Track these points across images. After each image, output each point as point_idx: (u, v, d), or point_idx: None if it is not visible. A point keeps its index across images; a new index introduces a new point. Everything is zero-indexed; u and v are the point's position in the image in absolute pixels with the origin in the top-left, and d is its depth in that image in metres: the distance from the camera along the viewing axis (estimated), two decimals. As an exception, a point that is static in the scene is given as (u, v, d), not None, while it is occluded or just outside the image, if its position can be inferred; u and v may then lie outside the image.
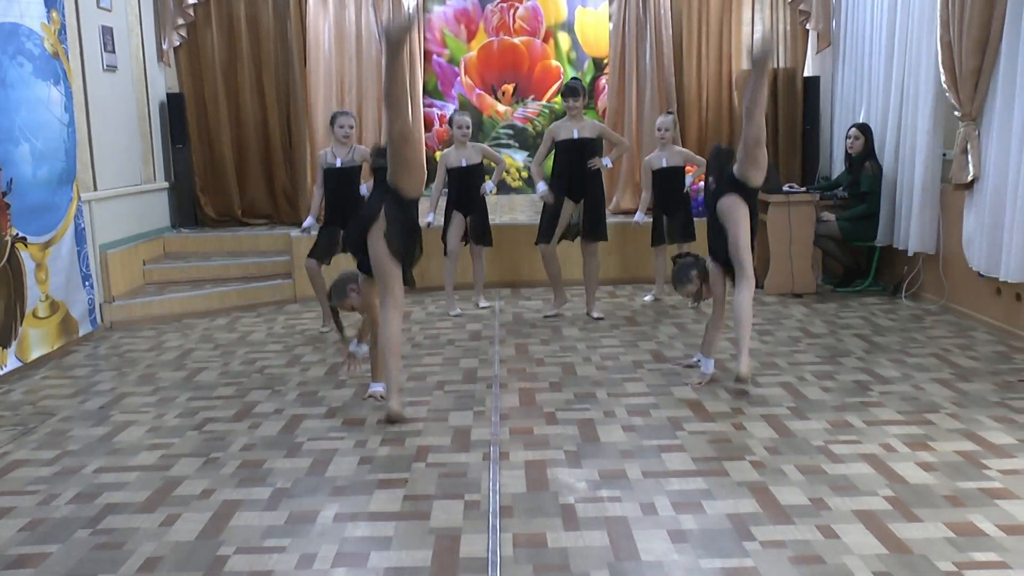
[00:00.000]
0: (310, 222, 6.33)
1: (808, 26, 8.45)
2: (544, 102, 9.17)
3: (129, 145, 7.56)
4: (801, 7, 8.41)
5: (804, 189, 7.37)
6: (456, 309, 6.80)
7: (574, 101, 6.27)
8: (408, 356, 5.46)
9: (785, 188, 7.25)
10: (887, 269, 7.27)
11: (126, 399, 4.84)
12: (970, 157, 5.84)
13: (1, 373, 5.21)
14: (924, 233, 6.56)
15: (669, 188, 6.79)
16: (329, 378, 5.14)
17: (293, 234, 7.73)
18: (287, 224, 8.59)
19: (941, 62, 6.02)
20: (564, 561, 2.87)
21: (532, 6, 9.02)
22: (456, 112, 6.84)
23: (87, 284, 6.22)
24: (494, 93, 9.17)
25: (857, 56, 7.73)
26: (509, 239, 7.59)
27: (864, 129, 7.16)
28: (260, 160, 8.74)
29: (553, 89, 9.13)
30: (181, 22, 8.29)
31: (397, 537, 3.08)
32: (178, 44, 8.37)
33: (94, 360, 5.75)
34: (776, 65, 8.66)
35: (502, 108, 9.17)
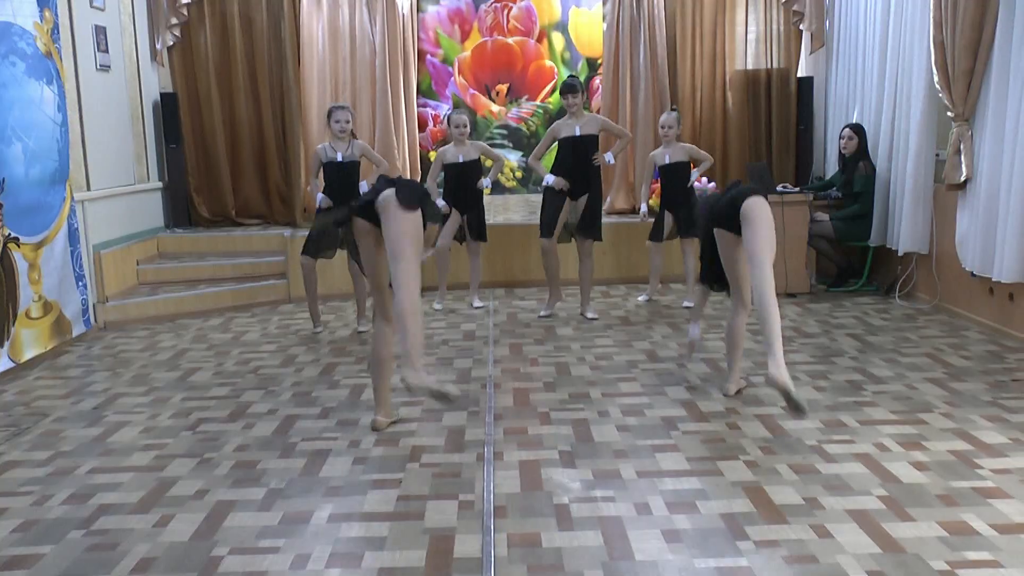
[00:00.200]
0: (322, 197, 6.13)
1: (802, 27, 8.47)
2: (538, 102, 9.17)
3: (122, 145, 7.54)
4: (795, 8, 8.42)
5: (798, 189, 7.39)
6: (439, 304, 6.81)
7: (573, 98, 6.27)
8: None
9: (779, 188, 7.27)
10: (880, 269, 7.29)
11: (120, 399, 4.83)
12: (963, 157, 5.86)
13: (-6, 374, 5.20)
14: (917, 233, 6.58)
15: (674, 184, 6.76)
16: (323, 378, 5.14)
17: (287, 234, 7.73)
18: (281, 224, 8.59)
19: (934, 62, 6.03)
20: (558, 561, 2.87)
21: (526, 6, 9.02)
22: (453, 111, 6.85)
23: (80, 284, 6.20)
24: (488, 93, 9.17)
25: (851, 57, 7.75)
26: (503, 239, 7.60)
27: (858, 129, 7.18)
28: (254, 160, 8.73)
29: (547, 89, 9.14)
30: (175, 21, 8.27)
31: (391, 537, 3.07)
32: (172, 44, 8.35)
33: (87, 360, 5.74)
34: (770, 65, 8.69)
35: (496, 108, 9.17)
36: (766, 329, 4.00)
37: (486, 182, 6.75)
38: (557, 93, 9.05)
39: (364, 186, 6.19)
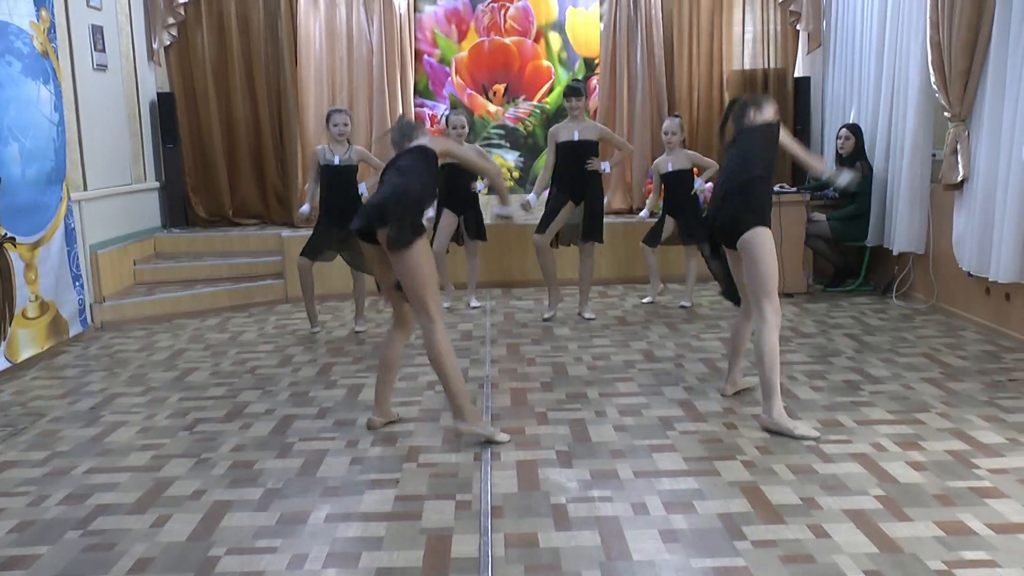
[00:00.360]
0: (306, 208, 6.21)
1: (799, 27, 8.48)
2: (535, 102, 9.16)
3: (119, 145, 7.53)
4: (792, 8, 8.43)
5: (795, 189, 7.39)
6: (447, 302, 6.85)
7: (576, 101, 6.25)
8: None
9: (776, 188, 7.25)
10: (877, 269, 7.30)
11: (117, 400, 4.83)
12: (960, 157, 5.87)
13: (-10, 374, 5.20)
14: (913, 233, 6.59)
15: (677, 191, 6.73)
16: (320, 378, 5.14)
17: (284, 234, 7.72)
18: (278, 224, 8.59)
19: (931, 63, 6.04)
20: (555, 561, 2.87)
21: (523, 6, 9.02)
22: (452, 112, 6.84)
23: (77, 284, 6.19)
24: (485, 93, 9.17)
25: (847, 57, 7.76)
26: (500, 239, 7.59)
27: (854, 129, 7.18)
28: (251, 160, 8.73)
29: (544, 89, 9.13)
30: (172, 21, 8.27)
31: (388, 537, 3.07)
32: (168, 43, 8.35)
33: (84, 360, 5.73)
34: (767, 65, 8.70)
35: (493, 108, 9.17)
36: (763, 377, 4.03)
37: (480, 185, 6.76)
38: (554, 93, 9.06)
39: (363, 188, 6.19)
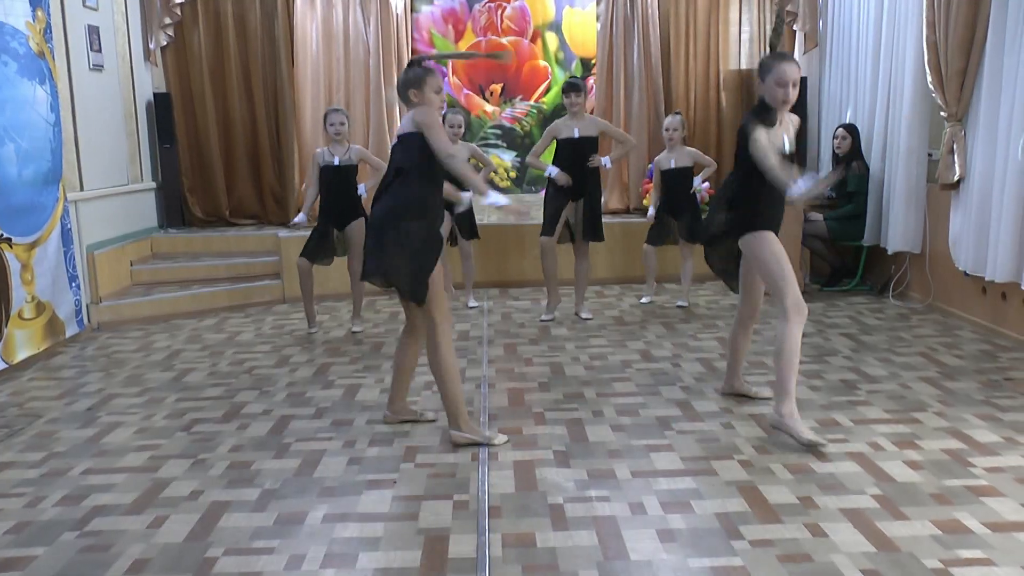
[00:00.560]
0: (301, 218, 6.24)
1: (795, 27, 8.48)
2: (532, 102, 9.17)
3: (116, 145, 7.52)
4: (788, 8, 8.43)
5: (791, 189, 7.38)
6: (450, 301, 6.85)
7: (576, 96, 6.21)
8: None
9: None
10: (874, 269, 7.31)
11: (113, 400, 4.82)
12: (956, 157, 5.88)
13: (-13, 375, 5.19)
14: (910, 233, 6.60)
15: (677, 189, 6.72)
16: (318, 379, 5.13)
17: (281, 234, 7.71)
18: (275, 224, 8.58)
19: (927, 62, 6.05)
20: (553, 561, 2.87)
21: (520, 6, 9.02)
22: (450, 111, 6.84)
23: (74, 285, 6.18)
24: (482, 93, 9.17)
25: (844, 57, 7.77)
26: (497, 239, 7.59)
27: (851, 129, 7.19)
28: (248, 160, 8.72)
29: (541, 89, 9.14)
30: (168, 21, 8.26)
31: (386, 538, 3.07)
32: (165, 43, 8.34)
33: (81, 361, 5.72)
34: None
35: (490, 108, 9.17)
36: (777, 373, 3.92)
37: None
38: (551, 93, 9.07)
39: (362, 189, 6.18)
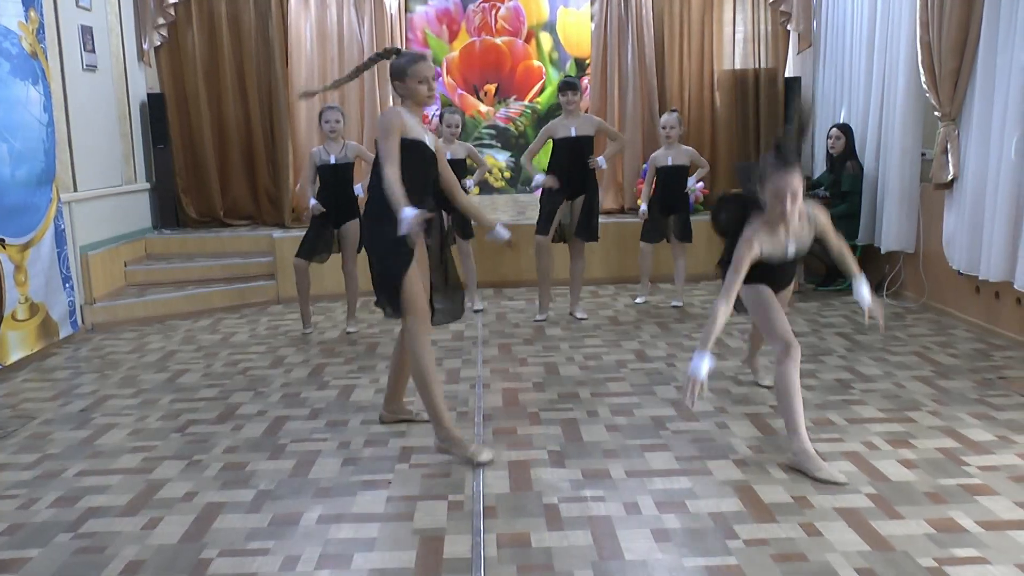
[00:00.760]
0: (314, 203, 6.05)
1: (789, 27, 8.50)
2: (526, 102, 9.17)
3: (110, 145, 7.51)
4: (782, 8, 8.45)
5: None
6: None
7: (572, 95, 6.20)
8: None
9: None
10: (869, 268, 7.26)
11: (108, 401, 4.81)
12: (950, 157, 5.89)
13: (-20, 376, 5.17)
14: (904, 232, 6.62)
15: (673, 187, 6.72)
16: (312, 379, 5.13)
17: (276, 235, 7.70)
18: (269, 225, 8.56)
19: (921, 62, 6.06)
20: (548, 561, 2.87)
21: (514, 6, 9.02)
22: (447, 110, 6.83)
23: (67, 286, 6.17)
24: (476, 93, 9.17)
25: (838, 57, 7.78)
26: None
27: (845, 129, 7.20)
28: (242, 160, 8.71)
29: (535, 89, 9.14)
30: (162, 21, 8.24)
31: (381, 538, 3.07)
32: (159, 44, 8.32)
33: (75, 362, 5.71)
34: (757, 65, 8.72)
35: (484, 108, 9.17)
36: (781, 412, 3.68)
37: (470, 183, 6.76)
38: (545, 93, 9.07)
39: (359, 189, 6.16)
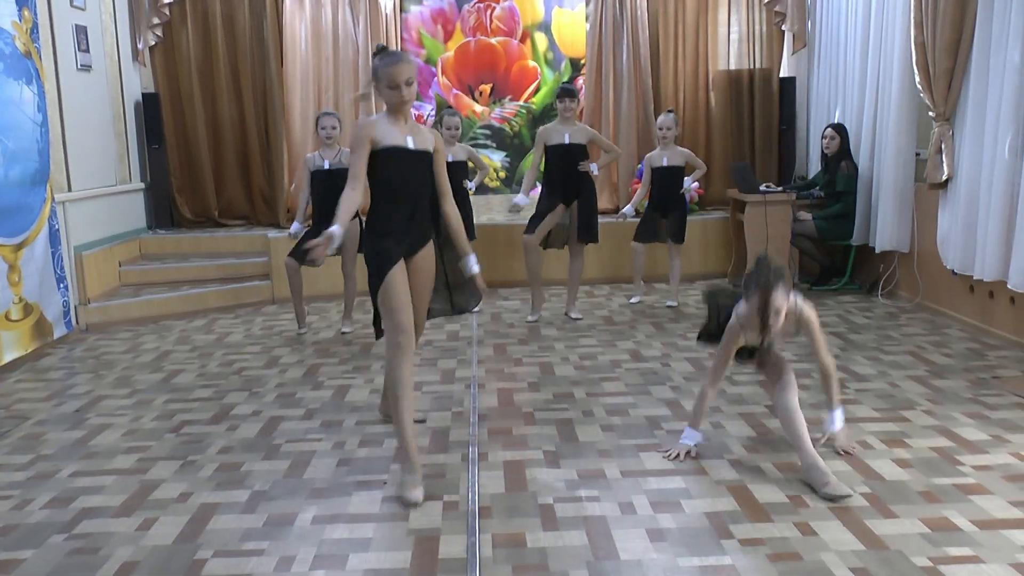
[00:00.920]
0: (297, 228, 6.18)
1: (784, 27, 8.51)
2: (521, 102, 9.16)
3: (104, 145, 7.49)
4: (777, 8, 8.46)
5: (781, 189, 7.42)
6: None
7: (571, 102, 6.21)
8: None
9: (762, 188, 7.29)
10: (863, 268, 7.34)
11: (102, 402, 4.80)
12: (944, 157, 5.90)
13: (-26, 377, 5.16)
14: (898, 232, 6.63)
15: (668, 187, 6.73)
16: (307, 380, 5.12)
17: (271, 235, 7.69)
18: (264, 225, 8.55)
19: (915, 63, 6.08)
20: (543, 561, 2.87)
21: (509, 6, 9.02)
22: (446, 112, 6.83)
23: (62, 286, 6.15)
24: (471, 93, 9.16)
25: (832, 57, 7.80)
26: (487, 239, 7.58)
27: (840, 129, 7.22)
28: (237, 160, 8.69)
29: (530, 89, 9.14)
30: (156, 21, 8.23)
31: (376, 539, 3.07)
32: (153, 43, 8.30)
33: (69, 363, 5.69)
34: (752, 65, 8.73)
35: (479, 108, 9.17)
36: (788, 436, 3.60)
37: (471, 184, 6.76)
38: (540, 94, 9.06)
39: None
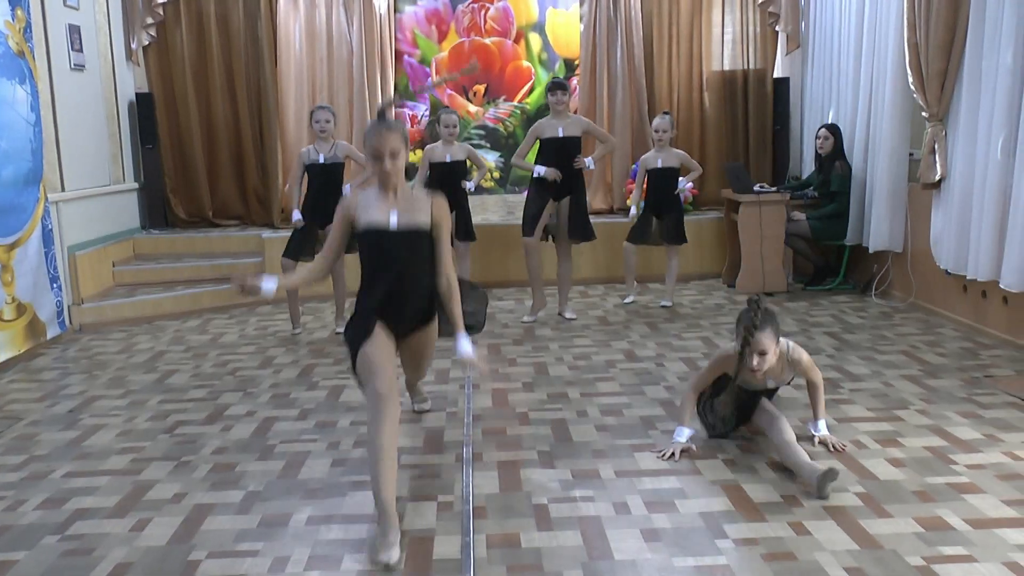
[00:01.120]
0: (299, 216, 6.10)
1: (777, 28, 8.52)
2: (515, 103, 9.17)
3: (98, 145, 7.47)
4: (770, 9, 8.47)
5: (775, 189, 7.43)
6: None
7: (562, 95, 6.19)
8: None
9: (756, 188, 7.31)
10: (857, 267, 7.35)
11: (96, 402, 4.78)
12: (937, 157, 5.92)
13: (-33, 377, 5.14)
14: (892, 232, 6.65)
15: (664, 189, 6.73)
16: (301, 380, 5.12)
17: (265, 235, 7.68)
18: (258, 225, 8.54)
19: (908, 63, 6.09)
20: (538, 561, 2.87)
21: (503, 7, 9.02)
22: (443, 111, 6.82)
23: (55, 286, 6.13)
24: (465, 93, 9.16)
25: (826, 58, 7.81)
26: (482, 239, 7.55)
27: (833, 129, 7.23)
28: (231, 160, 8.67)
29: (524, 90, 9.14)
30: (150, 21, 8.20)
31: (371, 539, 3.06)
32: (147, 43, 8.28)
33: (63, 363, 5.68)
34: (746, 66, 8.74)
35: (473, 108, 9.17)
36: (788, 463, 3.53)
37: (470, 184, 6.74)
38: (534, 94, 9.07)
39: (347, 189, 6.13)
